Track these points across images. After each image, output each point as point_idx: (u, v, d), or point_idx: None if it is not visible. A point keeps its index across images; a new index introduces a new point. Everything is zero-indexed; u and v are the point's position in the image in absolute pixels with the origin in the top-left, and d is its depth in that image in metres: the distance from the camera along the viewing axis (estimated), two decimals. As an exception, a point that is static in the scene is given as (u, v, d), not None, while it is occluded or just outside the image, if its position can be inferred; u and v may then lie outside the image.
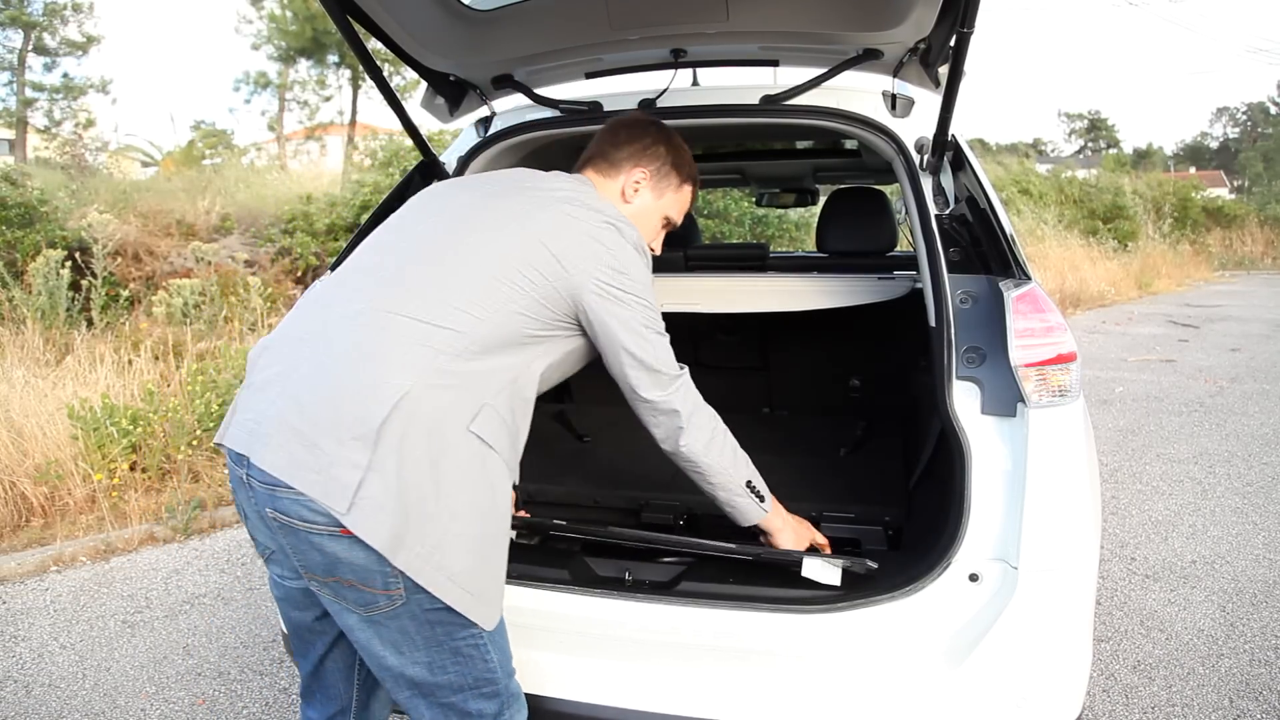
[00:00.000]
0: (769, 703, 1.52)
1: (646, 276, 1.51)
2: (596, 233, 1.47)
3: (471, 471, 1.31)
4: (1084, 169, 24.88)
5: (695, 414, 1.54)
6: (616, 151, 1.65)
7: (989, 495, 1.58)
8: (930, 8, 1.68)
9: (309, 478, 1.24)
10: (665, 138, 1.68)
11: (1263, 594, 3.20)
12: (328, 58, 17.43)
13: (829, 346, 2.87)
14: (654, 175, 1.66)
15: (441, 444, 1.28)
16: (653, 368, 1.49)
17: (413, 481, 1.25)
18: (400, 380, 1.27)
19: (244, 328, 6.25)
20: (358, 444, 1.24)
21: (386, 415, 1.24)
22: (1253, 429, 5.60)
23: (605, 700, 1.58)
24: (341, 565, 1.28)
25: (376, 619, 1.32)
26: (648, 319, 1.49)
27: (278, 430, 1.28)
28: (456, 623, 1.33)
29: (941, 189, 1.90)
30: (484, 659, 1.37)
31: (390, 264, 1.45)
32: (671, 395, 1.51)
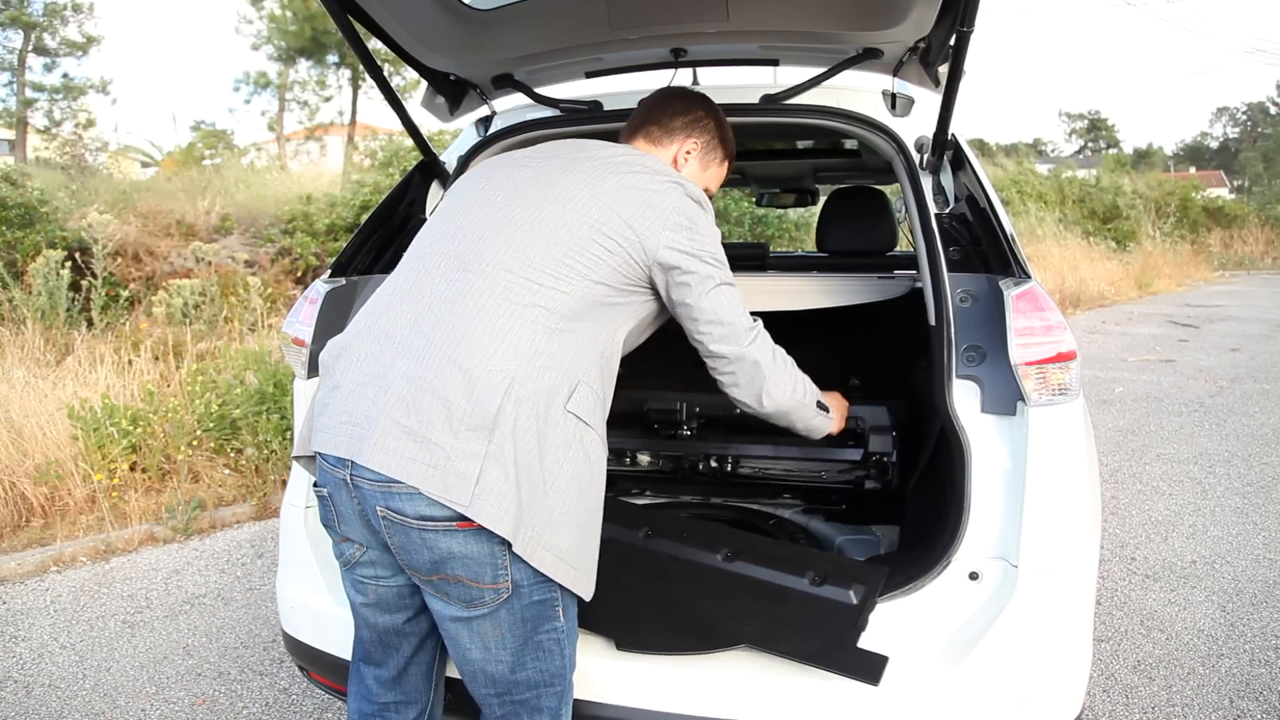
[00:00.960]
0: (770, 702, 1.52)
1: (713, 230, 1.51)
2: (663, 192, 1.47)
3: (571, 449, 1.33)
4: (1084, 169, 24.88)
5: (775, 363, 1.51)
6: (670, 120, 1.66)
7: (989, 494, 1.58)
8: (930, 7, 1.68)
9: (425, 473, 1.24)
10: (715, 112, 1.70)
11: (1263, 594, 3.20)
12: (328, 58, 17.43)
13: (829, 346, 2.87)
14: (703, 148, 1.68)
15: (545, 425, 1.30)
16: (724, 321, 1.47)
17: (526, 465, 1.27)
18: (505, 365, 1.28)
19: (244, 328, 6.24)
20: (473, 434, 1.25)
21: (500, 402, 1.26)
22: (1253, 429, 5.60)
23: (605, 700, 1.58)
24: (453, 561, 1.29)
25: (479, 615, 1.33)
26: (717, 273, 1.48)
27: (386, 430, 1.27)
28: (544, 616, 1.36)
29: (941, 188, 1.90)
30: (561, 653, 1.40)
31: (467, 250, 1.42)
32: (749, 348, 1.48)
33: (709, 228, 1.50)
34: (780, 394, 1.52)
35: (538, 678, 1.39)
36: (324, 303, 1.98)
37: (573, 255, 1.39)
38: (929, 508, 1.88)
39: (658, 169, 1.52)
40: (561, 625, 1.39)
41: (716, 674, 1.56)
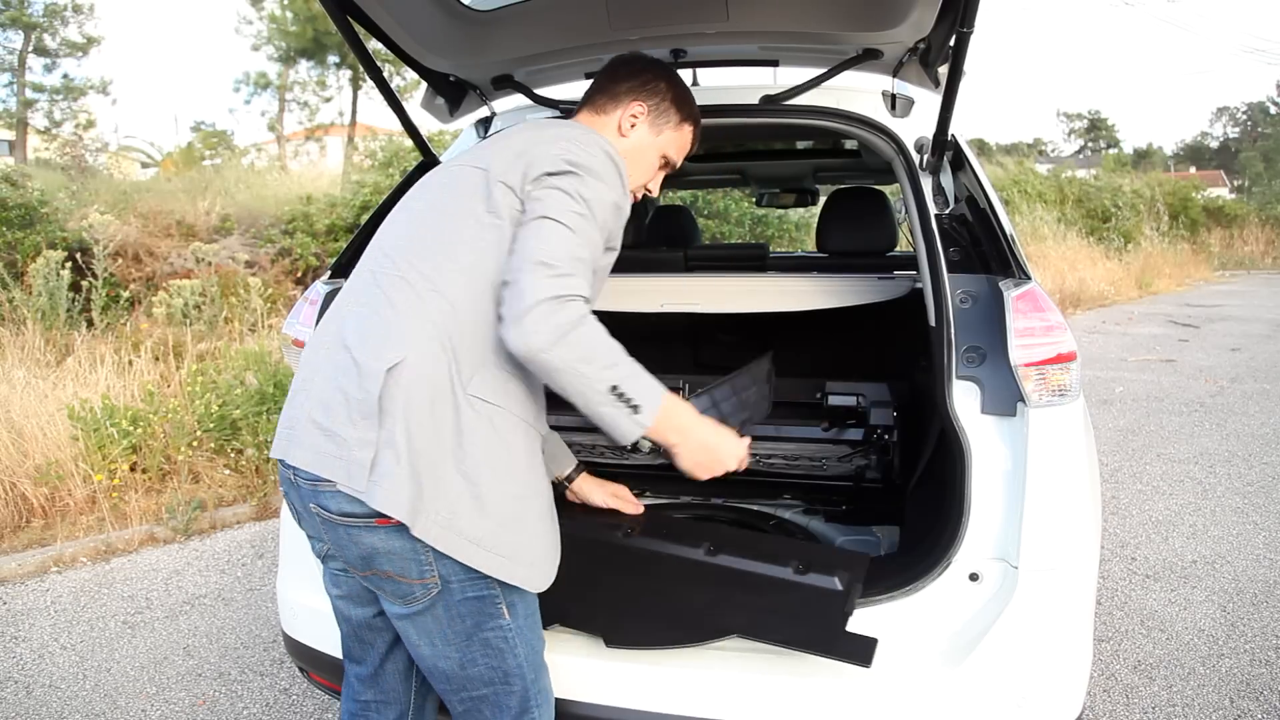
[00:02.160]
0: (770, 703, 1.52)
1: (599, 170, 1.38)
2: (547, 138, 1.42)
3: (479, 433, 1.31)
4: (1084, 169, 24.87)
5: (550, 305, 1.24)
6: (615, 86, 1.60)
7: (989, 495, 1.58)
8: (930, 7, 1.68)
9: (333, 465, 1.29)
10: (666, 74, 1.63)
11: (1263, 594, 3.20)
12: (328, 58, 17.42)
13: (829, 346, 2.87)
14: (652, 110, 1.59)
15: (445, 409, 1.29)
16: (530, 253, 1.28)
17: (422, 449, 1.27)
18: (393, 353, 1.30)
19: (244, 328, 6.25)
20: (367, 422, 1.28)
21: (383, 388, 1.27)
22: (1253, 429, 5.60)
23: (605, 700, 1.58)
24: (379, 557, 1.31)
25: (416, 611, 1.35)
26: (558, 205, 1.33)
27: (305, 428, 1.34)
28: (485, 613, 1.35)
29: (941, 189, 1.90)
30: (512, 652, 1.39)
31: (385, 250, 1.46)
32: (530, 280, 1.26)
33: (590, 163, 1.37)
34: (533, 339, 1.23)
35: (490, 675, 1.39)
36: (324, 304, 1.98)
37: (465, 232, 1.38)
38: (929, 509, 1.89)
39: (561, 128, 1.47)
40: (508, 623, 1.37)
41: (714, 675, 1.56)
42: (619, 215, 1.43)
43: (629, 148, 1.58)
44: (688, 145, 1.68)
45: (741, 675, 1.55)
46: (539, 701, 1.44)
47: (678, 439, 1.39)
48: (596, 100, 1.61)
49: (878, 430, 2.37)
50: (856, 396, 2.34)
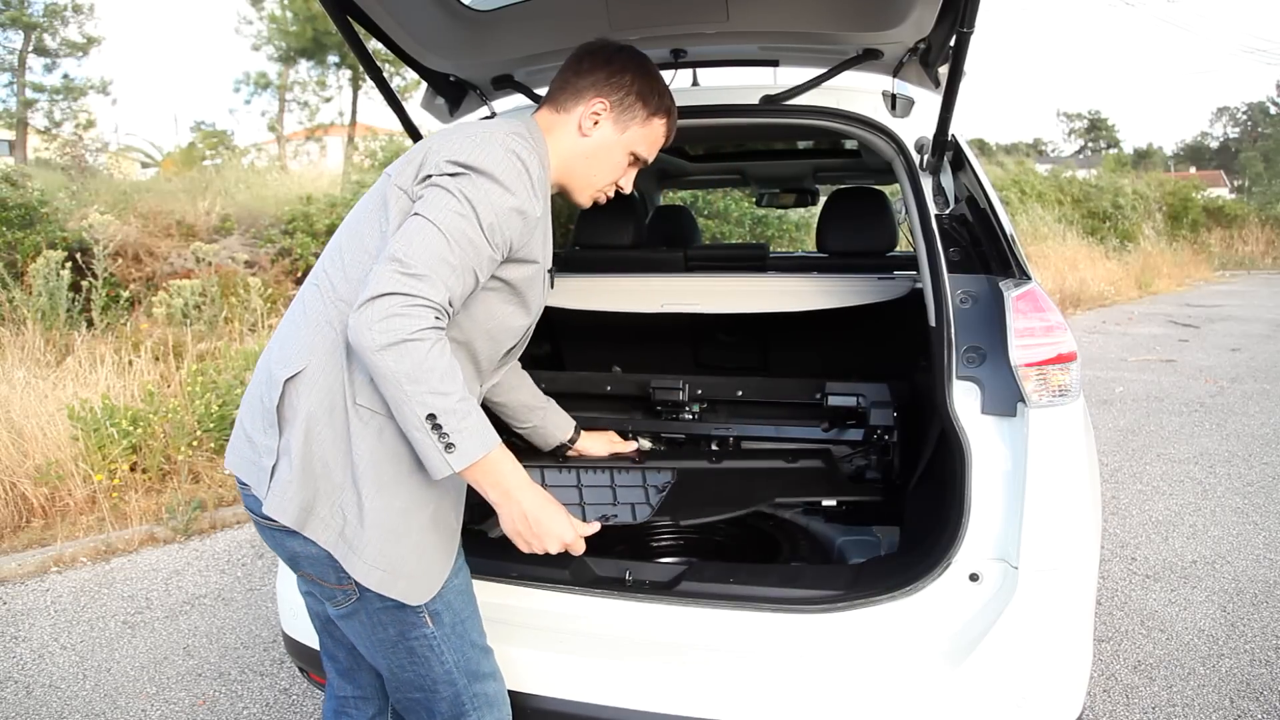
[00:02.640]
0: (769, 703, 1.52)
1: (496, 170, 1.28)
2: (464, 133, 1.33)
3: (366, 444, 1.28)
4: (1084, 169, 24.87)
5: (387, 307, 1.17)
6: (578, 79, 1.47)
7: (989, 495, 1.58)
8: (930, 8, 1.68)
9: (250, 470, 1.35)
10: (635, 64, 1.49)
11: (1263, 594, 3.20)
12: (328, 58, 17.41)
13: (829, 347, 2.87)
14: (615, 106, 1.47)
15: (340, 419, 1.30)
16: (390, 249, 1.22)
17: (318, 457, 1.29)
18: (297, 362, 1.32)
19: (244, 328, 6.25)
20: (271, 430, 1.31)
21: (279, 397, 1.30)
22: (1253, 429, 5.60)
23: (604, 700, 1.58)
24: (301, 560, 1.35)
25: (343, 614, 1.38)
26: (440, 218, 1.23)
27: (237, 432, 1.41)
28: (407, 621, 1.36)
29: (941, 189, 1.90)
30: (439, 660, 1.38)
31: (318, 262, 1.46)
32: (379, 274, 1.19)
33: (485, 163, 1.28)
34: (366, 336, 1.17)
35: (419, 681, 1.40)
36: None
37: (363, 238, 1.34)
38: (929, 509, 1.89)
39: (470, 126, 1.39)
40: (431, 631, 1.36)
41: (713, 675, 1.56)
42: (524, 221, 1.32)
43: (591, 147, 1.48)
44: (660, 139, 1.56)
45: (740, 675, 1.55)
46: (475, 706, 1.42)
47: (497, 498, 1.30)
48: (558, 96, 1.49)
49: (878, 431, 2.37)
50: (856, 397, 2.34)
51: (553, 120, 1.48)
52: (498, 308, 1.40)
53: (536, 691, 1.57)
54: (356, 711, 1.58)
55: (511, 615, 1.65)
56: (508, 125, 1.38)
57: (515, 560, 1.72)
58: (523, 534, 1.33)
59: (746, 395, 2.41)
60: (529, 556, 1.73)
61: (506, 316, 1.42)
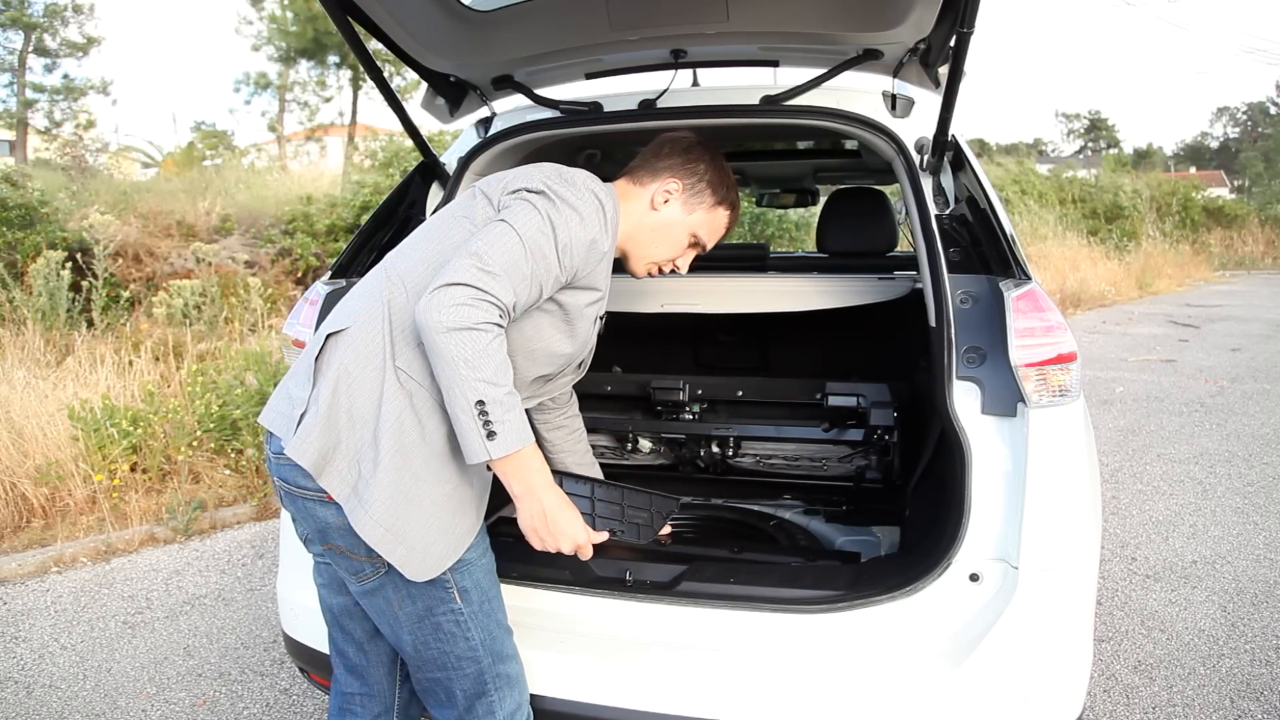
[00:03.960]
0: (769, 703, 1.52)
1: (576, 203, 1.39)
2: (557, 169, 1.49)
3: (395, 403, 1.34)
4: (1084, 169, 24.86)
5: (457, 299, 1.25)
6: (658, 161, 1.64)
7: (989, 495, 1.58)
8: (930, 8, 1.68)
9: (281, 422, 1.40)
10: (709, 156, 1.66)
11: (1264, 594, 3.20)
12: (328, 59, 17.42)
13: (829, 347, 2.87)
14: (687, 189, 1.63)
15: (375, 376, 1.35)
16: (473, 245, 1.31)
17: (344, 409, 1.34)
18: (341, 321, 1.40)
19: (244, 328, 6.25)
20: (307, 382, 1.37)
21: (319, 350, 1.38)
22: (1253, 429, 5.60)
23: (605, 700, 1.58)
24: (331, 531, 1.36)
25: (369, 589, 1.39)
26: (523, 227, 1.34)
27: (276, 394, 1.46)
28: (436, 596, 1.38)
29: (941, 189, 1.90)
30: (465, 637, 1.41)
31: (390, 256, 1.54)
32: (459, 264, 1.28)
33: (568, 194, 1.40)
34: (434, 316, 1.24)
35: (443, 659, 1.42)
36: (324, 304, 1.98)
37: (438, 234, 1.47)
38: (929, 509, 1.89)
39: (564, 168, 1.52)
40: (460, 607, 1.40)
41: (714, 675, 1.56)
42: (594, 253, 1.42)
43: (658, 221, 1.62)
44: (721, 229, 1.70)
45: (740, 675, 1.55)
46: (497, 685, 1.45)
47: (521, 492, 1.37)
48: (637, 173, 1.65)
49: (878, 431, 2.37)
50: (857, 397, 2.35)
51: (628, 191, 1.63)
52: (546, 330, 1.48)
53: (537, 691, 1.57)
54: (362, 709, 1.58)
55: (512, 615, 1.65)
56: (594, 179, 1.52)
57: (516, 560, 1.72)
58: (538, 530, 1.40)
59: (747, 395, 2.41)
60: (530, 557, 1.74)
61: (551, 341, 1.50)
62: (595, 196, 1.45)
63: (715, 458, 2.54)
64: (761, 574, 1.74)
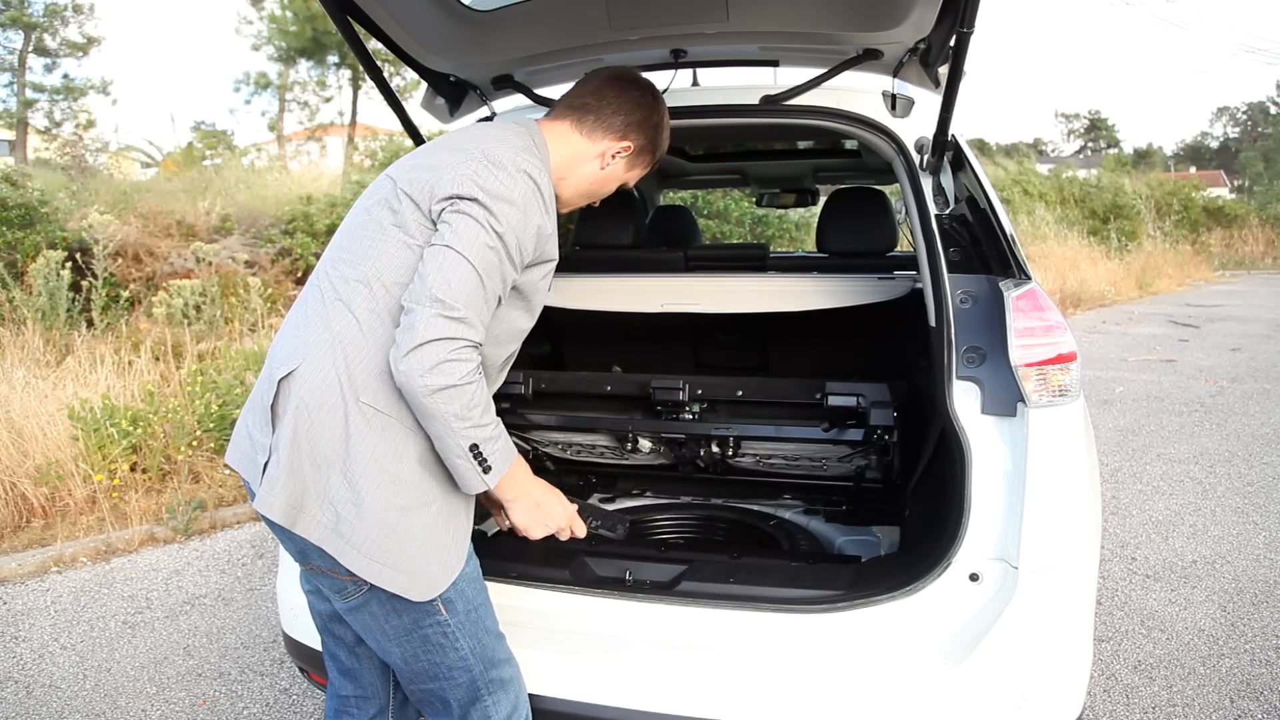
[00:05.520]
0: (769, 703, 1.52)
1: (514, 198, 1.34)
2: (481, 151, 1.38)
3: (367, 440, 1.30)
4: (1084, 169, 24.86)
5: (432, 346, 1.24)
6: (613, 115, 1.52)
7: (989, 495, 1.58)
8: (930, 8, 1.68)
9: (248, 466, 1.38)
10: (662, 112, 1.59)
11: (1264, 594, 3.20)
12: (328, 58, 17.44)
13: (829, 347, 2.87)
14: (637, 151, 1.56)
15: (337, 415, 1.30)
16: (423, 276, 1.28)
17: (305, 453, 1.30)
18: (293, 361, 1.34)
19: (244, 328, 6.25)
20: (266, 427, 1.34)
21: (274, 396, 1.34)
22: (1253, 429, 5.60)
23: (605, 700, 1.58)
24: (311, 551, 1.35)
25: (353, 606, 1.39)
26: (462, 235, 1.30)
27: (237, 432, 1.44)
28: (420, 610, 1.37)
29: (941, 189, 1.90)
30: (454, 647, 1.40)
31: (324, 257, 1.48)
32: (419, 308, 1.25)
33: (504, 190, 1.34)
34: (417, 382, 1.24)
35: (434, 670, 1.41)
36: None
37: (368, 243, 1.37)
38: (929, 509, 1.89)
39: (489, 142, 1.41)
40: (445, 619, 1.38)
41: (714, 675, 1.56)
42: (541, 236, 1.40)
43: (602, 176, 1.56)
44: (645, 174, 1.68)
45: (740, 675, 1.55)
46: (490, 691, 1.45)
47: (513, 496, 1.44)
48: (584, 116, 1.53)
49: (878, 430, 2.37)
50: (857, 397, 2.34)
51: (569, 135, 1.52)
52: (505, 313, 1.44)
53: (537, 691, 1.57)
54: (358, 711, 1.59)
55: (512, 615, 1.65)
56: (516, 139, 1.44)
57: (515, 560, 1.72)
58: (535, 521, 1.47)
59: (746, 395, 2.41)
60: (529, 557, 1.74)
61: (513, 320, 1.48)
62: (528, 176, 1.37)
63: (715, 457, 2.53)
64: (761, 574, 1.74)
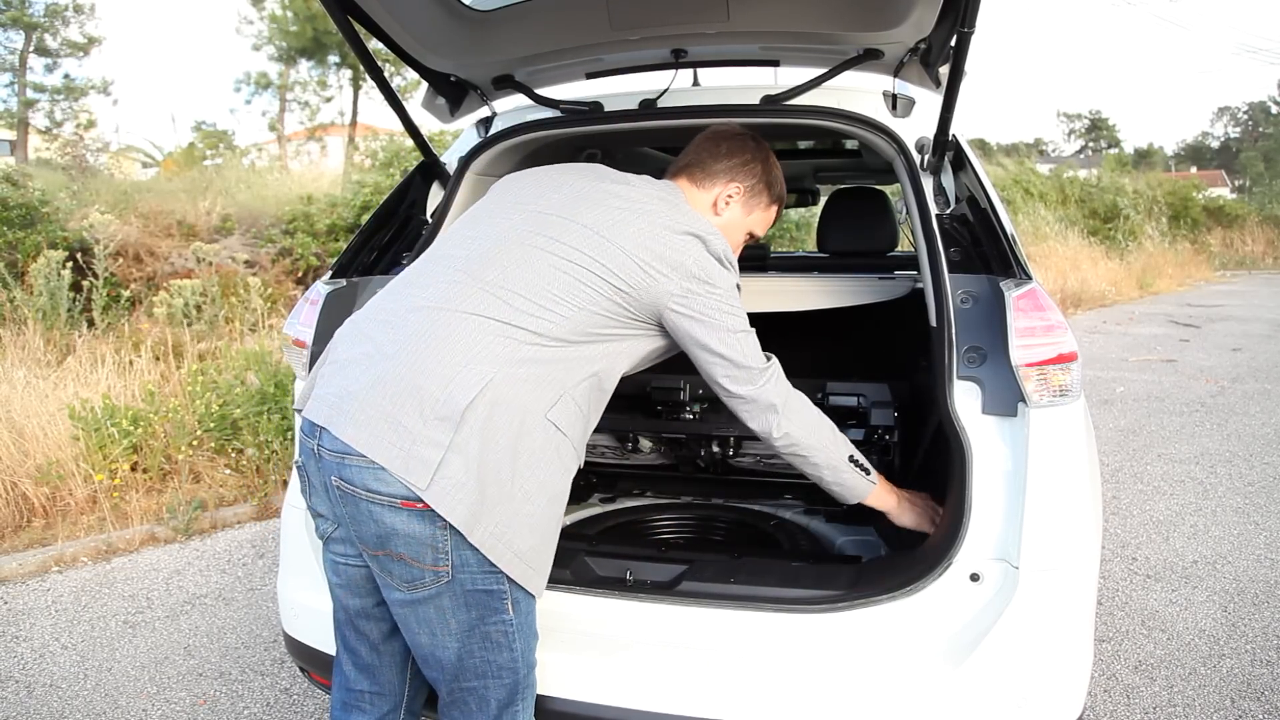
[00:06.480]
0: (769, 703, 1.52)
1: (728, 283, 1.54)
2: (681, 245, 1.50)
3: (546, 456, 1.38)
4: (1085, 169, 24.86)
5: (789, 401, 1.58)
6: (715, 163, 1.68)
7: (990, 495, 1.58)
8: (931, 8, 1.68)
9: (390, 453, 1.31)
10: (763, 156, 1.71)
11: (1264, 594, 3.20)
12: (328, 58, 17.44)
13: (829, 347, 2.87)
14: (747, 192, 1.69)
15: (521, 429, 1.35)
16: (739, 363, 1.54)
17: (492, 463, 1.32)
18: (484, 368, 1.35)
19: (244, 328, 6.25)
20: (441, 424, 1.31)
21: (472, 399, 1.32)
22: (1254, 429, 5.60)
23: (605, 700, 1.58)
24: (397, 538, 1.33)
25: (418, 598, 1.37)
26: (730, 323, 1.53)
27: (362, 406, 1.34)
28: (491, 607, 1.38)
29: (942, 189, 1.90)
30: (510, 646, 1.42)
31: (476, 260, 1.48)
32: (763, 389, 1.55)
33: (722, 279, 1.53)
34: (795, 428, 1.58)
35: (484, 668, 1.42)
36: (325, 304, 1.98)
37: (579, 285, 1.45)
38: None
39: (684, 219, 1.54)
40: (510, 618, 1.41)
41: (715, 675, 1.56)
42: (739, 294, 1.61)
43: (721, 224, 1.67)
44: (771, 222, 1.79)
45: (741, 675, 1.55)
46: (524, 695, 1.47)
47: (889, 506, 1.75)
48: (694, 173, 1.69)
49: (878, 431, 2.37)
50: (857, 397, 2.35)
51: (689, 193, 1.68)
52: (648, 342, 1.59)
53: (538, 691, 1.57)
54: (371, 707, 1.57)
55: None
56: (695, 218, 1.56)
57: None
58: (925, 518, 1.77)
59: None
60: None
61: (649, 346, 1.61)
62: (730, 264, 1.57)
63: (715, 457, 2.53)
64: (761, 574, 1.74)
